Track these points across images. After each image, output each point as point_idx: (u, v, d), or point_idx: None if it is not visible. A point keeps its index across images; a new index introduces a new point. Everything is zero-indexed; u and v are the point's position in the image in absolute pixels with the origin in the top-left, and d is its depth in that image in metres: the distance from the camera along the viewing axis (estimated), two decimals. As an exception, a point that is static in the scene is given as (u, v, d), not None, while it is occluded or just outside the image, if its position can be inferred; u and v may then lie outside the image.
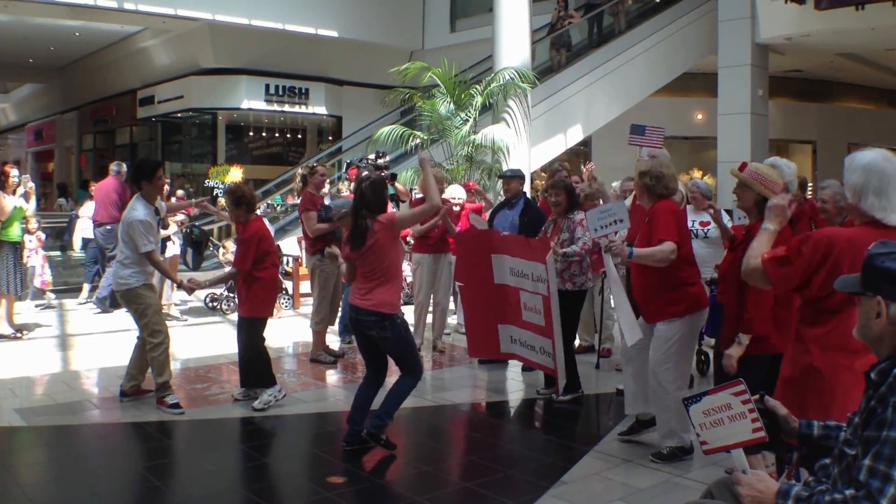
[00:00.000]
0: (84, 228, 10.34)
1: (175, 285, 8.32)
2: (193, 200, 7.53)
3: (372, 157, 8.22)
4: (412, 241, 7.58)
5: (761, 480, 2.09)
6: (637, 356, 4.75)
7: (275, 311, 6.19)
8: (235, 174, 13.94)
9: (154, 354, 5.42)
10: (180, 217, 8.64)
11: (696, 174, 15.77)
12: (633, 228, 4.84)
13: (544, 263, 5.37)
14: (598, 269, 6.24)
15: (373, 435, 4.66)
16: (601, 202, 6.31)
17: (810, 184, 5.66)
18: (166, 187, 8.24)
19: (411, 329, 7.81)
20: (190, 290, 5.84)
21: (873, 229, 2.71)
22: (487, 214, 7.56)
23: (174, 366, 6.92)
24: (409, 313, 8.42)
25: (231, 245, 9.43)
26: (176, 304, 8.87)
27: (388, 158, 8.41)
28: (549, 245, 5.51)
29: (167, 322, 7.96)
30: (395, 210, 7.70)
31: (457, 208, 7.44)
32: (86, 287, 10.14)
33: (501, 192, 7.08)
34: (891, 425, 1.88)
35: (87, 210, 10.26)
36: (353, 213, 4.63)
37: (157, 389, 5.46)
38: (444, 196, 7.94)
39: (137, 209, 5.40)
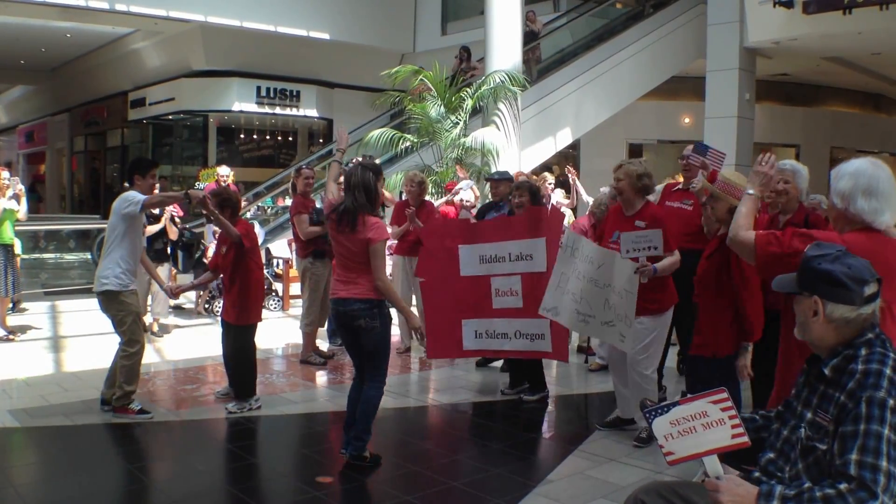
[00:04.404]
0: None
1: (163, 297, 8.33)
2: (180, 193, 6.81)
3: (359, 159, 8.28)
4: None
5: (739, 485, 2.11)
6: (623, 365, 5.09)
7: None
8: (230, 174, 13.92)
9: (127, 363, 5.35)
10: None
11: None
12: (610, 232, 5.08)
13: (540, 237, 5.39)
14: None
15: (356, 457, 4.59)
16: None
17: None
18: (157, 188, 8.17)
19: (398, 329, 7.95)
20: (175, 295, 5.86)
21: (863, 234, 2.69)
22: (475, 211, 7.71)
23: (165, 367, 7.00)
24: (396, 314, 8.50)
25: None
26: (163, 318, 8.65)
27: (377, 162, 8.44)
28: (545, 215, 5.60)
29: (153, 336, 8.01)
30: (386, 228, 7.80)
31: (465, 212, 7.63)
32: None
33: (489, 195, 7.18)
34: (868, 419, 1.99)
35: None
36: (346, 194, 4.58)
37: (119, 397, 5.35)
38: (455, 199, 8.13)
39: (128, 192, 5.35)
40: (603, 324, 4.82)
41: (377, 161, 8.91)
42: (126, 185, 5.68)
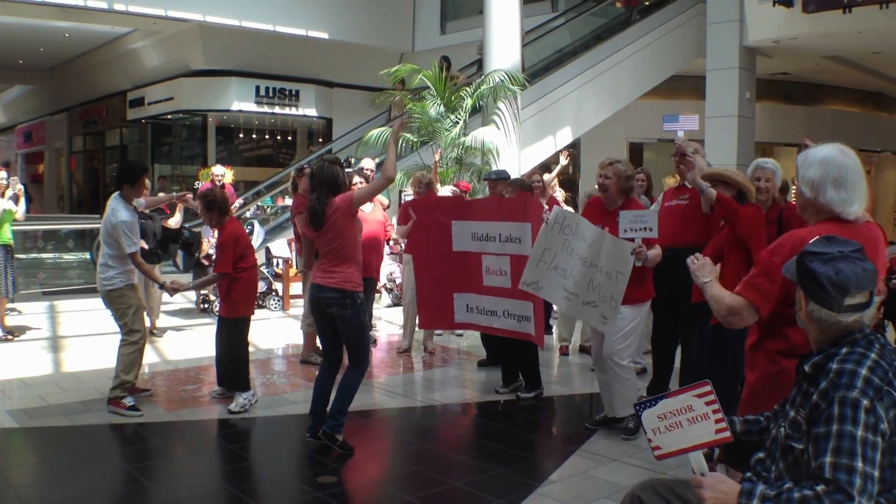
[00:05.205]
0: None
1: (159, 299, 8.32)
2: (174, 195, 7.00)
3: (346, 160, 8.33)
4: (403, 244, 7.63)
5: (723, 482, 2.10)
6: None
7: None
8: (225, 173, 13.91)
9: (127, 352, 5.47)
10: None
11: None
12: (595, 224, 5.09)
13: (527, 222, 5.42)
14: None
15: (328, 436, 4.72)
16: None
17: (793, 187, 5.70)
18: (148, 184, 8.13)
19: (399, 329, 7.94)
20: (172, 292, 5.87)
21: (835, 225, 2.61)
22: None
23: (165, 367, 6.98)
24: (398, 315, 8.51)
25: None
26: (158, 321, 8.51)
27: (353, 161, 8.46)
28: (531, 202, 5.63)
29: (153, 336, 7.96)
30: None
31: None
32: None
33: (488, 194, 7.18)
34: (841, 419, 1.96)
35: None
36: (310, 195, 4.76)
37: (115, 387, 5.41)
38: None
39: (119, 210, 5.42)
40: (585, 304, 4.89)
41: (376, 160, 8.94)
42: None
